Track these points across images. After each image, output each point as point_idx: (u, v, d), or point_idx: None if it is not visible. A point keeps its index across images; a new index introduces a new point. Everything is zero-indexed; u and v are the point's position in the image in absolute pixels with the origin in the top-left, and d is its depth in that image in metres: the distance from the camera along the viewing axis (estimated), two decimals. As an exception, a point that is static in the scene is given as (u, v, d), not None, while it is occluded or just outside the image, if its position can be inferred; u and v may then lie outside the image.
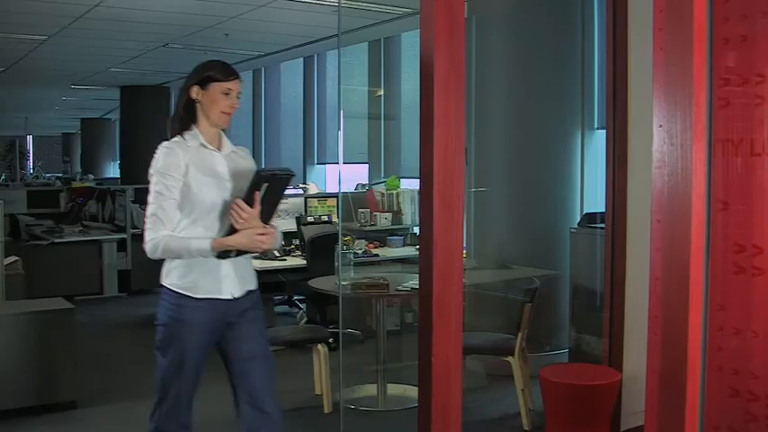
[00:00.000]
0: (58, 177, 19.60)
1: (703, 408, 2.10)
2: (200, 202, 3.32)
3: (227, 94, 3.37)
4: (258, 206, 3.24)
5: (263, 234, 3.26)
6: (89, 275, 9.29)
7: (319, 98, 11.89)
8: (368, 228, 7.72)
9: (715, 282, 2.13)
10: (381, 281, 5.45)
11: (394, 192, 7.96)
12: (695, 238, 2.01)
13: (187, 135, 3.40)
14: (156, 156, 3.41)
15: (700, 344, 2.05)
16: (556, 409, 4.45)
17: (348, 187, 9.01)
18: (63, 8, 8.04)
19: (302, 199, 8.01)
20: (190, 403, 3.55)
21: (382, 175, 9.44)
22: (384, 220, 7.74)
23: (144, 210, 3.64)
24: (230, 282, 3.39)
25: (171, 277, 3.40)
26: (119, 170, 16.90)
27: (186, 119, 3.41)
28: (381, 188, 8.18)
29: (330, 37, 9.51)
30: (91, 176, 17.64)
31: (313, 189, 8.60)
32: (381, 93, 10.07)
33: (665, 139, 2.09)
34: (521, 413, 4.91)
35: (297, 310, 8.20)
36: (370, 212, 7.79)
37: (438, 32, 3.21)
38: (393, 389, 5.59)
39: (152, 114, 14.52)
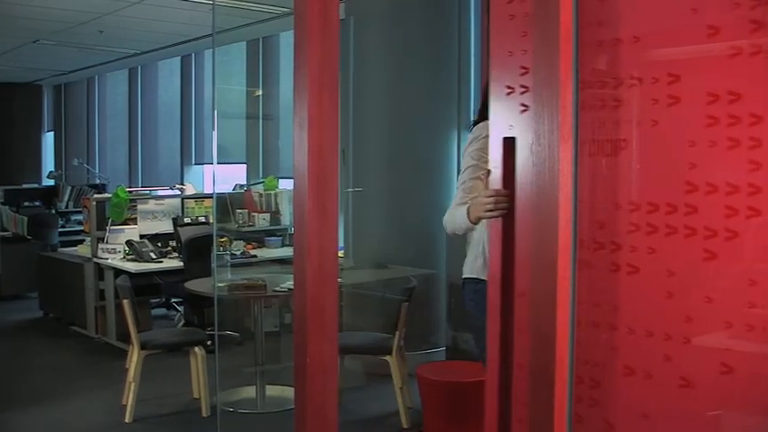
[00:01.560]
0: None
1: (572, 401, 2.15)
2: None
3: None
4: None
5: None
6: (-45, 280, 8.95)
7: (197, 98, 11.72)
8: (246, 228, 7.67)
9: (581, 279, 2.18)
10: (259, 282, 5.42)
11: (272, 192, 7.92)
12: (562, 236, 2.06)
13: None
14: (475, 135, 3.33)
15: (567, 340, 2.11)
16: (433, 407, 4.51)
17: (226, 188, 8.92)
18: (-76, 1, 7.72)
19: (179, 200, 7.88)
20: None
21: (260, 176, 9.36)
22: (262, 221, 7.70)
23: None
24: None
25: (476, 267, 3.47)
26: (-13, 171, 16.29)
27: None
28: (260, 188, 8.12)
29: (206, 36, 9.39)
30: (-43, 177, 16.94)
31: (190, 190, 8.47)
32: (260, 93, 10.00)
33: (533, 139, 2.14)
34: (399, 411, 4.95)
35: (174, 312, 8.07)
36: (249, 213, 7.73)
37: (311, 31, 3.19)
38: (272, 390, 5.56)
39: (23, 113, 14.07)
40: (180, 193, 8.32)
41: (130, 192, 7.92)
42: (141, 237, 7.30)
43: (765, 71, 1.69)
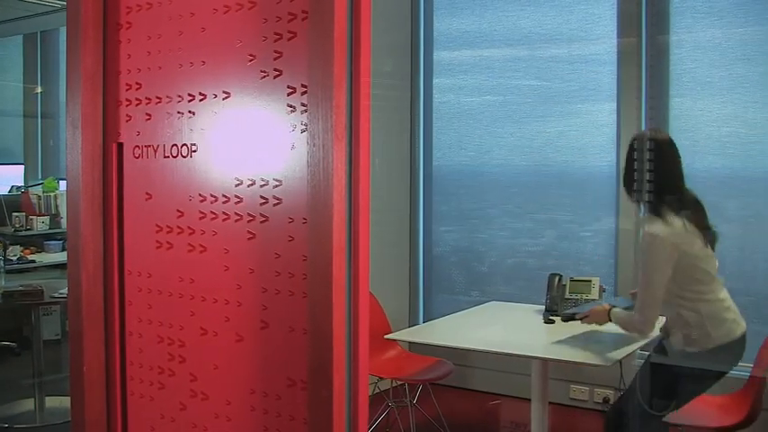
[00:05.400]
0: None
1: (351, 402, 2.18)
2: None
3: None
4: None
5: None
6: None
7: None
8: (24, 232, 7.32)
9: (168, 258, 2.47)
10: (36, 288, 5.18)
11: (52, 194, 7.61)
12: (336, 236, 2.08)
13: None
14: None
15: (345, 340, 2.13)
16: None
17: (2, 190, 8.48)
18: None
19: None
20: None
21: (39, 177, 8.96)
22: (41, 224, 7.38)
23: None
24: None
25: None
26: None
27: None
28: (38, 190, 7.78)
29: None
30: None
31: (-39, 192, 8.01)
32: (39, 90, 9.57)
33: (309, 140, 2.16)
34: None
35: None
36: (26, 216, 7.39)
37: (85, 26, 3.08)
38: (52, 401, 5.34)
39: None
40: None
41: None
42: None
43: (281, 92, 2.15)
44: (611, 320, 3.91)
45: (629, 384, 4.21)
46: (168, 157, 2.43)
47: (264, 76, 2.19)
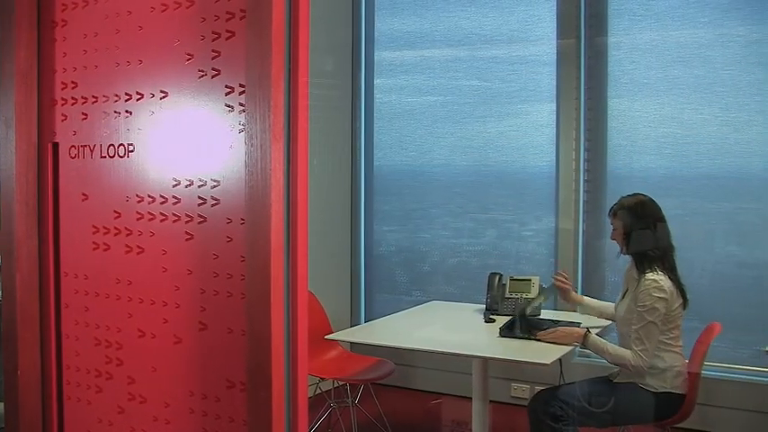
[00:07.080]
0: None
1: (290, 403, 2.17)
2: None
3: None
4: None
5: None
6: None
7: None
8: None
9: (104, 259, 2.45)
10: (-31, 291, 5.06)
11: (-13, 194, 7.44)
12: (274, 236, 2.07)
13: None
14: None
15: (283, 339, 2.12)
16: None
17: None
18: None
19: None
20: None
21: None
22: (-25, 226, 7.21)
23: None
24: None
25: None
26: None
27: None
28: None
29: None
30: None
31: None
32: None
33: (246, 140, 2.15)
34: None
35: None
36: (-40, 217, 7.22)
37: (19, 23, 3.02)
38: (-14, 406, 5.21)
39: None
40: None
41: None
42: None
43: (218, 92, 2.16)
44: (584, 345, 3.96)
45: (570, 383, 4.25)
46: (105, 157, 2.40)
47: (202, 76, 2.17)
